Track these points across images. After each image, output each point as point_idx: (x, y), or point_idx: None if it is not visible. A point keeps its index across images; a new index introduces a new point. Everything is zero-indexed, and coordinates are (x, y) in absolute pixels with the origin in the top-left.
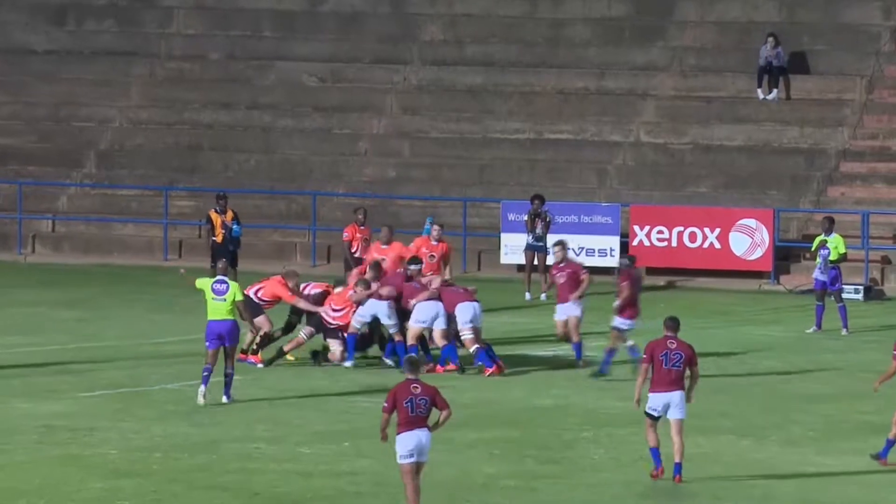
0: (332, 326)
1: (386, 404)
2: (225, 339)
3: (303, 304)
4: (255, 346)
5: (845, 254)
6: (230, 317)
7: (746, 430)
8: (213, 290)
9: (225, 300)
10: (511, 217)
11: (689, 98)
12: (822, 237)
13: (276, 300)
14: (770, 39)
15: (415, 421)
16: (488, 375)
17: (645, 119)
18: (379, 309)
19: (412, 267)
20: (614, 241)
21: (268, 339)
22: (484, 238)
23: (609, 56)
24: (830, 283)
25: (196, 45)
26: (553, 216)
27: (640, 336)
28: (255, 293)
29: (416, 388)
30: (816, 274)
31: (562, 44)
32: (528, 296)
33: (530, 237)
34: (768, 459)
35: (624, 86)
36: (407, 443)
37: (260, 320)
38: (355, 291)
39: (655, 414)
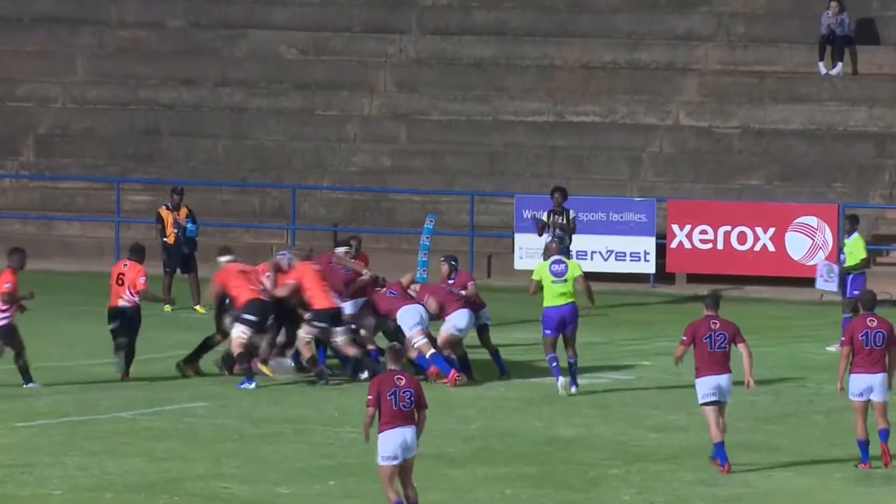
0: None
1: (370, 397)
2: (567, 324)
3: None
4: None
5: (865, 259)
6: (572, 300)
7: (806, 466)
8: (552, 272)
9: (566, 281)
10: (527, 214)
11: (738, 73)
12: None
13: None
14: (833, 4)
15: (399, 416)
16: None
17: (685, 98)
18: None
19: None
20: (649, 243)
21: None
22: (495, 239)
23: (643, 24)
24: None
25: (153, 10)
26: (577, 213)
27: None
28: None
29: (401, 379)
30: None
31: (586, 9)
32: None
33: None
34: (832, 500)
35: (660, 59)
36: (391, 442)
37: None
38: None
39: (715, 398)
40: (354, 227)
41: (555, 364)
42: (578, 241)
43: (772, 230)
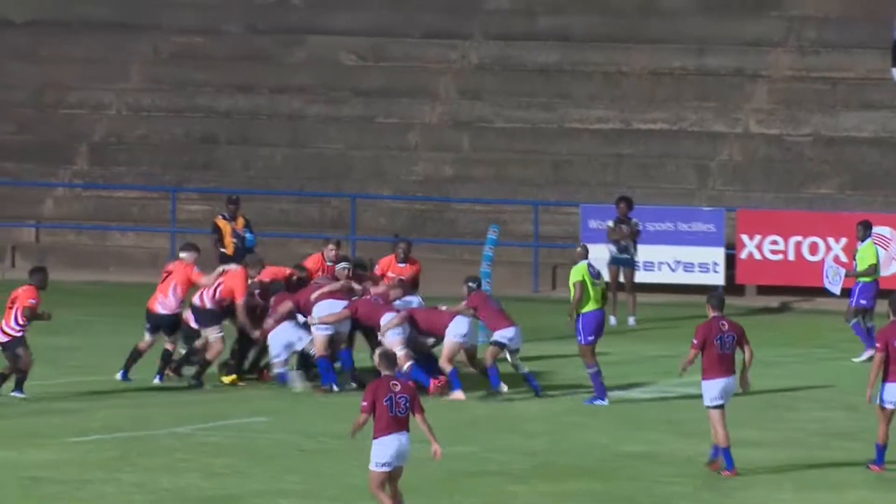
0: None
1: (364, 403)
2: (602, 328)
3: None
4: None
5: (874, 265)
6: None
7: (883, 485)
8: (592, 273)
9: (601, 284)
10: (592, 224)
11: (809, 80)
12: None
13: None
14: None
15: (396, 422)
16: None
17: (755, 105)
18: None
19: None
20: (718, 254)
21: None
22: (560, 250)
23: (712, 29)
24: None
25: (209, 15)
26: (642, 223)
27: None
28: (214, 295)
29: (396, 385)
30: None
31: (654, 14)
32: (612, 320)
33: (615, 249)
34: None
35: (730, 65)
36: (387, 448)
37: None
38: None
39: (723, 402)
40: (415, 237)
41: (600, 380)
42: (645, 252)
43: (843, 241)
